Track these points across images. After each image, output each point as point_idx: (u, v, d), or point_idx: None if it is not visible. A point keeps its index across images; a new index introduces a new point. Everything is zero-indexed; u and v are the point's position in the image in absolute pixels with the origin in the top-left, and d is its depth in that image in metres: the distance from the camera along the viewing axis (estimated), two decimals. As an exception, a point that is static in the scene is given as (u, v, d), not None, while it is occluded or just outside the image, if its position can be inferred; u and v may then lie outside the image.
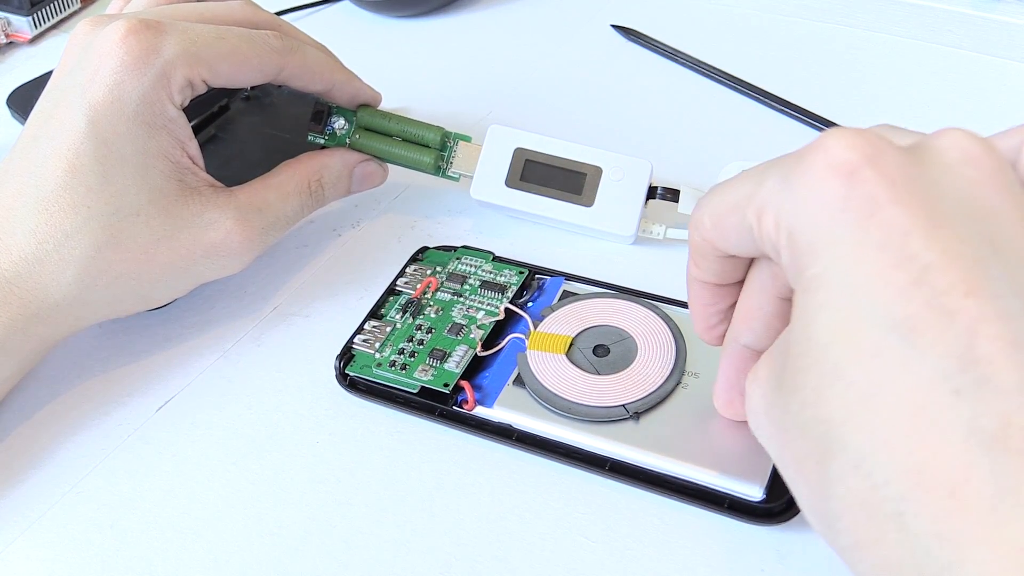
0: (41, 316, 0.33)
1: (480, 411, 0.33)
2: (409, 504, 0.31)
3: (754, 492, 0.29)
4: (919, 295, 0.20)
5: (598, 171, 0.39)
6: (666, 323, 0.34)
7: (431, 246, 0.40)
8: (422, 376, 0.33)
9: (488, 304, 0.36)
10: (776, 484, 0.29)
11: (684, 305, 0.35)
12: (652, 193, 0.39)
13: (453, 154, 0.41)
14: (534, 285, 0.37)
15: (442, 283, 0.37)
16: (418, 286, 0.37)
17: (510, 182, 0.40)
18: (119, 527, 0.31)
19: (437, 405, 0.33)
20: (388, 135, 0.41)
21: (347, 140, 0.41)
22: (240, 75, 0.36)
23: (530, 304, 0.37)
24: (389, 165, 0.42)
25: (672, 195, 0.39)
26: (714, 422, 0.31)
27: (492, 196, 0.41)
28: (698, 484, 0.30)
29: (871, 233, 0.21)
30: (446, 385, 0.33)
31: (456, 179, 0.41)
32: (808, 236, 0.22)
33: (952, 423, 0.19)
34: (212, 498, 0.32)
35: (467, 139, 0.41)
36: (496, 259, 0.38)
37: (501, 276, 0.37)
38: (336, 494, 0.32)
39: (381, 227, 0.43)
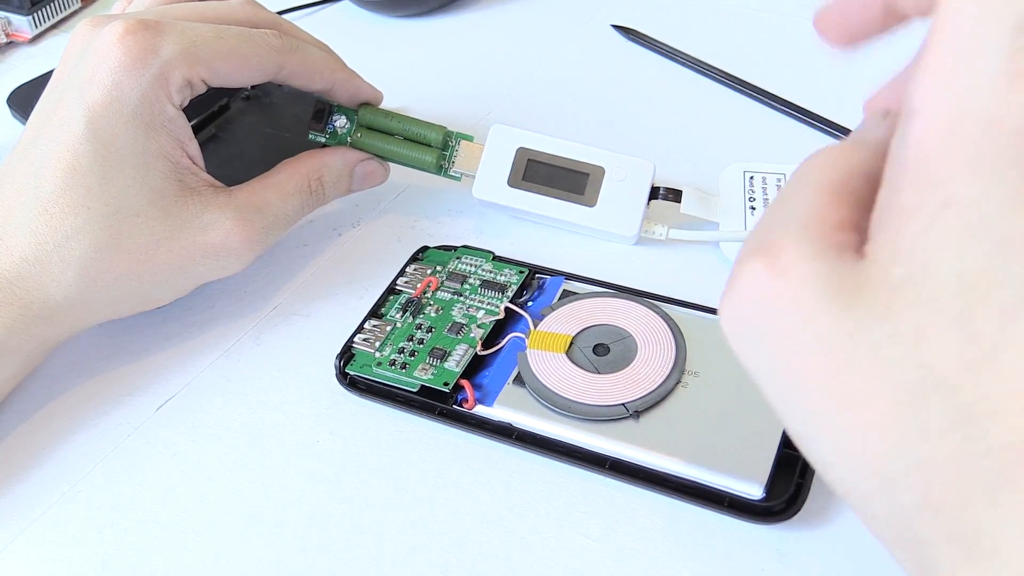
0: (42, 317, 0.33)
1: (480, 410, 0.33)
2: (409, 503, 0.31)
3: (754, 491, 0.29)
4: None
5: (600, 171, 0.39)
6: (666, 322, 0.34)
7: (431, 245, 0.40)
8: (422, 375, 0.33)
9: (488, 303, 0.36)
10: (776, 483, 0.29)
11: (685, 305, 0.35)
12: (654, 193, 0.39)
13: (455, 153, 0.41)
14: (534, 284, 0.37)
15: (442, 282, 0.37)
16: (418, 285, 0.37)
17: (512, 182, 0.40)
18: (119, 527, 0.31)
19: (437, 404, 0.33)
20: (390, 134, 0.41)
21: (348, 139, 0.41)
22: (239, 74, 0.36)
23: (530, 303, 0.37)
24: (390, 164, 0.42)
25: (674, 195, 0.39)
26: (714, 421, 0.31)
27: (494, 196, 0.40)
28: (698, 483, 0.30)
29: None
30: (446, 384, 0.33)
31: (458, 179, 0.41)
32: None
33: None
34: (212, 497, 0.32)
35: (469, 138, 0.41)
36: (496, 258, 0.38)
37: (501, 275, 0.37)
38: (336, 494, 0.32)
39: (381, 226, 0.43)
